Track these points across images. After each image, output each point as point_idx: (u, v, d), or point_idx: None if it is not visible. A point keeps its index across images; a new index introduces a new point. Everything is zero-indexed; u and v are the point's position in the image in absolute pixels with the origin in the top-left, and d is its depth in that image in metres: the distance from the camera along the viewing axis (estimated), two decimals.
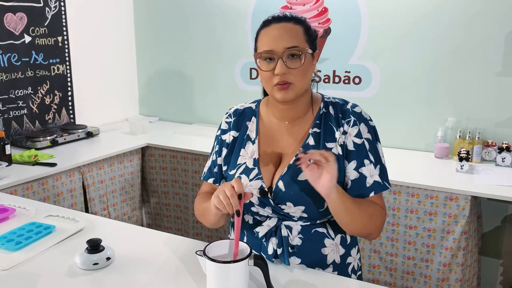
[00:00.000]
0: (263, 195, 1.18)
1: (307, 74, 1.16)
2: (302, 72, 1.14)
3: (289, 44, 1.12)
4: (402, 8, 2.56)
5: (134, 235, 1.39)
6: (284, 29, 1.13)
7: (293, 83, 1.13)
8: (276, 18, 1.16)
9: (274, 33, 1.13)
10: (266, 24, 1.16)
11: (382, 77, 2.70)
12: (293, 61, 1.13)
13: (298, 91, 1.15)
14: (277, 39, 1.12)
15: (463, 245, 2.08)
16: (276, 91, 1.15)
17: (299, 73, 1.13)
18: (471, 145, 2.42)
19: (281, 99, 1.15)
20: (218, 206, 1.07)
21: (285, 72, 1.12)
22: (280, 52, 1.12)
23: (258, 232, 1.21)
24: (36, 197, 2.18)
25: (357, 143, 1.18)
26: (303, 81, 1.15)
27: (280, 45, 1.12)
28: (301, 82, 1.15)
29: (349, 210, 1.11)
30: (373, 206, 1.17)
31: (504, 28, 2.35)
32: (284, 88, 1.13)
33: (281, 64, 1.11)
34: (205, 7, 3.18)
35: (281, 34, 1.13)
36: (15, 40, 2.67)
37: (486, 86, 2.44)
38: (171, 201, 2.90)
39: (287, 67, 1.12)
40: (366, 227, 1.15)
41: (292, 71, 1.12)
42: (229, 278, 0.98)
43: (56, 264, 1.19)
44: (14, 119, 2.71)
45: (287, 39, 1.12)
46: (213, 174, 1.30)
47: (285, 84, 1.13)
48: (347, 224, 1.14)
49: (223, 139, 1.30)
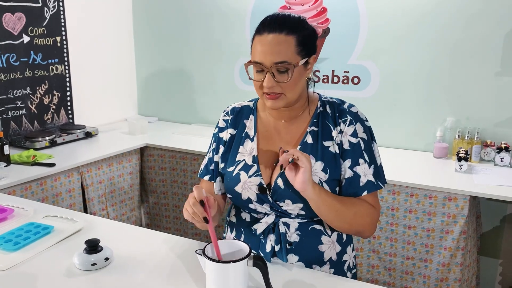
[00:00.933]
0: (262, 191, 1.19)
1: (297, 84, 1.16)
2: (291, 85, 1.14)
3: (277, 59, 1.10)
4: (401, 8, 2.56)
5: (132, 235, 1.39)
6: (274, 41, 1.11)
7: (282, 93, 1.14)
8: (271, 25, 1.12)
9: (264, 46, 1.12)
10: (260, 31, 1.14)
11: (381, 77, 2.70)
12: (281, 75, 1.13)
13: (288, 100, 1.16)
14: (266, 52, 1.11)
15: (462, 245, 2.08)
16: (266, 99, 1.17)
17: (288, 86, 1.13)
18: (470, 145, 2.42)
19: (271, 107, 1.18)
20: (187, 218, 1.10)
21: (272, 85, 1.13)
22: (268, 66, 1.11)
23: (256, 230, 1.22)
24: (34, 198, 2.17)
25: (353, 142, 1.19)
26: (293, 91, 1.16)
27: (269, 59, 1.11)
28: (291, 93, 1.15)
29: (330, 206, 1.12)
30: (360, 204, 1.18)
31: (503, 28, 2.35)
32: (273, 98, 1.15)
33: (269, 78, 1.12)
34: (204, 7, 3.18)
35: (271, 48, 1.11)
36: (13, 40, 2.67)
37: (485, 86, 2.44)
38: (170, 201, 2.90)
39: (275, 81, 1.12)
40: (351, 225, 1.16)
41: (281, 84, 1.13)
42: (228, 278, 0.98)
43: (54, 265, 1.19)
44: (12, 119, 2.71)
45: (276, 54, 1.10)
46: (209, 172, 1.31)
47: (274, 94, 1.14)
48: (331, 222, 1.16)
49: (221, 137, 1.30)
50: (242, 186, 1.21)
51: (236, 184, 1.22)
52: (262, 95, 1.17)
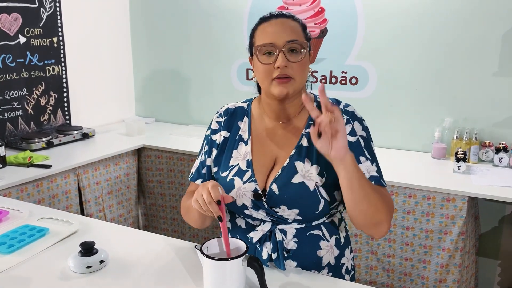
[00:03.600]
0: (257, 198, 1.16)
1: (306, 69, 1.16)
2: (302, 67, 1.14)
3: (290, 37, 1.12)
4: (399, 8, 2.56)
5: (128, 237, 1.38)
6: (284, 23, 1.14)
7: (293, 77, 1.13)
8: (275, 14, 1.17)
9: (274, 27, 1.14)
10: (265, 20, 1.17)
11: (378, 78, 2.69)
12: (293, 55, 1.13)
13: (296, 86, 1.15)
14: (278, 32, 1.13)
15: (460, 246, 2.08)
16: (275, 85, 1.13)
17: (299, 67, 1.13)
18: (468, 145, 2.41)
19: (279, 93, 1.14)
20: (199, 210, 1.06)
21: (286, 65, 1.11)
22: (281, 45, 1.11)
23: (252, 238, 1.19)
24: (31, 199, 2.16)
25: (351, 141, 1.16)
26: (302, 76, 1.15)
27: (281, 38, 1.12)
28: (300, 77, 1.14)
29: (362, 182, 1.05)
30: (381, 189, 1.13)
31: (501, 28, 2.35)
32: (283, 82, 1.12)
33: (282, 57, 1.11)
34: (202, 8, 3.17)
35: (282, 28, 1.13)
36: (9, 41, 2.65)
37: (483, 86, 2.44)
38: (167, 203, 2.88)
39: (288, 60, 1.11)
40: (378, 210, 1.07)
41: (293, 64, 1.12)
42: (223, 275, 0.99)
43: (49, 268, 1.17)
44: (9, 120, 2.69)
45: (288, 33, 1.13)
46: (201, 175, 1.27)
47: (285, 78, 1.12)
48: (359, 201, 1.06)
49: (213, 139, 1.27)
50: (237, 192, 1.17)
51: (230, 191, 1.18)
52: (271, 82, 1.14)
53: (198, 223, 1.21)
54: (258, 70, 1.16)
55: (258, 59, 1.15)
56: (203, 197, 1.02)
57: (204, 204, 1.03)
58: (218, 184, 1.06)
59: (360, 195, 1.05)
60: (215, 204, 1.02)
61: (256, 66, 1.17)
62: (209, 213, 1.04)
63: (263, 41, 1.14)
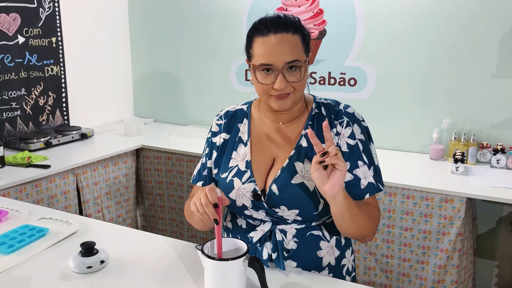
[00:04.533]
0: (256, 198, 1.16)
1: (305, 81, 1.15)
2: (302, 84, 1.12)
3: (289, 58, 1.08)
4: (398, 10, 2.57)
5: (128, 237, 1.38)
6: (283, 41, 1.08)
7: (292, 92, 1.12)
8: (274, 26, 1.09)
9: (273, 46, 1.08)
10: (263, 32, 1.10)
11: (377, 79, 2.70)
12: (292, 74, 1.10)
13: (296, 99, 1.15)
14: (277, 52, 1.08)
15: (458, 246, 2.09)
16: (273, 101, 1.13)
17: (299, 85, 1.12)
18: (466, 146, 2.42)
19: (278, 108, 1.14)
20: (197, 214, 1.06)
21: (285, 86, 1.10)
22: (280, 66, 1.08)
23: (252, 238, 1.19)
24: (29, 200, 2.16)
25: (351, 144, 1.17)
26: (301, 89, 1.14)
27: (280, 59, 1.08)
28: (300, 92, 1.14)
29: (352, 212, 1.08)
30: (371, 207, 1.16)
31: (499, 30, 2.36)
32: (282, 98, 1.12)
33: (281, 79, 1.09)
34: (200, 8, 3.17)
35: (281, 48, 1.08)
36: (8, 41, 2.65)
37: (481, 88, 2.45)
38: (166, 203, 2.88)
39: (287, 81, 1.09)
40: (365, 229, 1.13)
41: (292, 83, 1.10)
42: (224, 276, 0.99)
43: (49, 268, 1.17)
44: (7, 120, 2.69)
45: (288, 53, 1.08)
46: (202, 177, 1.28)
47: (283, 94, 1.12)
48: (347, 227, 1.12)
49: (214, 142, 1.28)
50: (236, 193, 1.18)
51: (230, 191, 1.19)
52: (269, 98, 1.14)
53: (200, 226, 1.22)
54: (256, 85, 1.14)
55: (256, 77, 1.12)
56: (201, 199, 1.03)
57: (201, 206, 1.03)
58: (216, 187, 1.06)
59: (349, 222, 1.10)
60: (211, 206, 1.02)
61: (254, 80, 1.15)
62: (205, 216, 1.04)
63: (261, 60, 1.10)
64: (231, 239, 1.07)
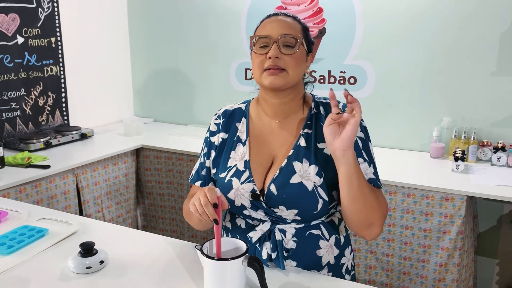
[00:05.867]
0: (255, 198, 1.16)
1: (300, 64, 1.16)
2: (295, 60, 1.14)
3: (285, 31, 1.15)
4: (397, 8, 2.56)
5: (128, 237, 1.38)
6: (283, 20, 1.17)
7: (285, 69, 1.14)
8: (280, 13, 1.21)
9: (273, 23, 1.17)
10: (268, 17, 1.21)
11: (377, 77, 2.70)
12: (287, 49, 1.15)
13: (288, 79, 1.15)
14: (275, 26, 1.16)
15: (459, 245, 2.08)
16: (266, 76, 1.15)
17: (292, 60, 1.14)
18: (466, 145, 2.42)
19: (269, 83, 1.14)
20: (196, 214, 1.06)
21: (277, 55, 1.13)
22: (275, 37, 1.14)
23: (252, 237, 1.19)
24: (29, 200, 2.16)
25: None
26: (295, 69, 1.15)
27: (277, 31, 1.15)
28: (293, 70, 1.14)
29: (360, 181, 1.07)
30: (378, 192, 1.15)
31: (499, 28, 2.35)
32: (275, 73, 1.13)
33: (274, 47, 1.13)
34: (200, 8, 3.17)
35: (279, 23, 1.16)
36: (7, 41, 2.65)
37: (481, 86, 2.45)
38: (166, 203, 2.88)
39: (280, 52, 1.13)
40: (373, 210, 1.10)
41: (285, 57, 1.14)
42: (223, 275, 0.99)
43: (49, 268, 1.17)
44: (7, 121, 2.69)
45: (285, 28, 1.15)
46: (201, 177, 1.28)
47: (277, 69, 1.13)
48: (356, 200, 1.08)
49: (212, 141, 1.27)
50: (235, 193, 1.17)
51: (229, 191, 1.18)
52: (262, 73, 1.16)
53: (199, 226, 1.23)
54: (253, 61, 1.18)
55: (253, 50, 1.18)
56: (200, 200, 1.03)
57: (200, 206, 1.03)
58: (216, 188, 1.06)
59: (357, 193, 1.07)
60: (211, 206, 1.02)
61: (252, 58, 1.20)
62: (204, 216, 1.03)
63: (260, 33, 1.18)
64: (230, 239, 1.06)
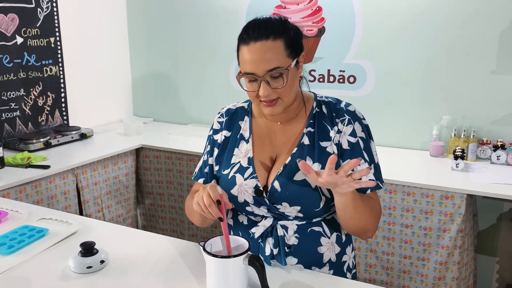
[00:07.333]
0: (258, 194, 1.17)
1: (293, 87, 1.14)
2: (287, 89, 1.12)
3: (269, 66, 1.08)
4: (397, 7, 2.56)
5: (128, 237, 1.38)
6: (263, 49, 1.08)
7: (280, 98, 1.13)
8: (255, 33, 1.09)
9: (253, 55, 1.09)
10: (245, 41, 1.10)
11: (376, 76, 2.70)
12: (276, 81, 1.10)
13: (285, 104, 1.15)
14: (257, 61, 1.08)
15: (459, 243, 2.08)
16: (263, 107, 1.15)
17: (284, 91, 1.11)
18: (466, 143, 2.42)
19: (269, 114, 1.16)
20: (201, 213, 1.08)
21: (269, 93, 1.10)
22: (261, 75, 1.09)
23: (254, 233, 1.20)
24: (29, 200, 2.15)
25: (352, 142, 1.18)
26: (290, 95, 1.14)
27: (261, 67, 1.08)
28: (288, 96, 1.14)
29: (356, 202, 1.08)
30: (372, 201, 1.17)
31: (499, 26, 2.35)
32: (270, 104, 1.13)
33: (264, 87, 1.10)
34: (199, 8, 3.17)
35: (261, 56, 1.08)
36: (6, 42, 2.64)
37: (481, 84, 2.45)
38: (166, 203, 2.88)
39: (270, 88, 1.10)
40: (367, 222, 1.13)
41: (277, 90, 1.11)
42: (225, 273, 0.99)
43: (49, 268, 1.17)
44: (6, 121, 2.68)
45: (267, 61, 1.08)
46: (204, 174, 1.29)
47: (271, 101, 1.12)
48: (349, 218, 1.11)
49: (215, 139, 1.29)
50: (238, 189, 1.19)
51: (232, 187, 1.20)
52: (259, 103, 1.15)
53: (200, 222, 1.24)
54: (247, 93, 1.16)
55: (243, 85, 1.15)
56: (204, 200, 1.04)
57: (204, 207, 1.05)
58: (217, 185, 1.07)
59: (352, 213, 1.10)
60: (215, 206, 1.04)
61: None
62: (210, 216, 1.06)
63: (244, 69, 1.11)
64: (233, 237, 1.08)
